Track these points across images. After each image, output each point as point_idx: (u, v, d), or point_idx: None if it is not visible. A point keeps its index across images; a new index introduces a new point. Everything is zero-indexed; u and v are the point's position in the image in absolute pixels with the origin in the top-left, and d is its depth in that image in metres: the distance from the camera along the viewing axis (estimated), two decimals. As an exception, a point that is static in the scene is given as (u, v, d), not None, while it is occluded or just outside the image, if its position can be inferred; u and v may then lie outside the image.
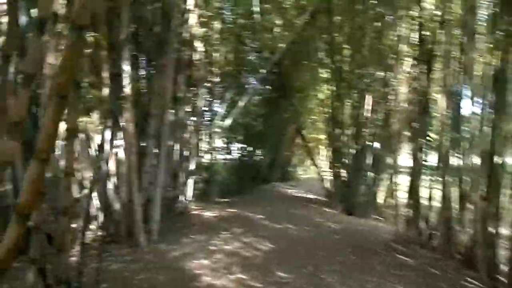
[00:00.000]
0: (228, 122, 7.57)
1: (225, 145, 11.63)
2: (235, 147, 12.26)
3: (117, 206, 5.25)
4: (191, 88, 7.19)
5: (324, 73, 10.73)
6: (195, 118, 7.62)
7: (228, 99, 9.87)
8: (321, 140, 14.29)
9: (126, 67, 4.84)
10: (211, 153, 10.09)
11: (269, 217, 7.02)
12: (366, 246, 5.28)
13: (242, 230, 5.91)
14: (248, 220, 6.75)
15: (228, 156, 11.80)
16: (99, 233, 5.71)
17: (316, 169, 11.25)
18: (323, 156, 13.76)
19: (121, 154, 5.27)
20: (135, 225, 5.00)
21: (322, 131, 14.56)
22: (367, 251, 4.98)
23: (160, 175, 5.49)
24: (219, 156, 11.34)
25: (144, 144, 5.44)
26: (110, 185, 5.21)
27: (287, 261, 4.47)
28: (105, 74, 4.96)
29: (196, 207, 8.20)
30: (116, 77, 5.12)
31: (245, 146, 12.47)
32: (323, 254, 4.73)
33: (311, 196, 10.88)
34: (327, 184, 9.77)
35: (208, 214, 7.27)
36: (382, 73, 8.08)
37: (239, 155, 12.35)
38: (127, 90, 4.83)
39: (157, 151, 5.63)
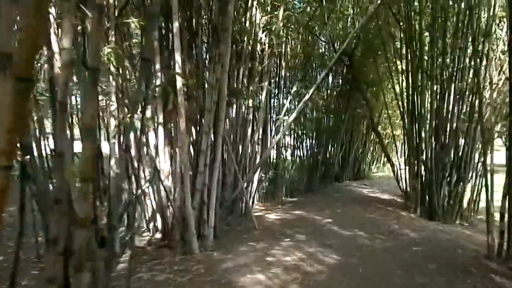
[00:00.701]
0: (295, 117, 6.93)
1: (294, 141, 11.02)
2: (304, 143, 11.58)
3: (171, 208, 4.84)
4: (254, 81, 6.63)
5: (401, 64, 9.69)
6: (259, 113, 7.06)
7: (296, 93, 9.24)
8: (397, 136, 13.19)
9: (178, 58, 4.36)
10: (278, 150, 9.54)
11: (338, 221, 6.30)
12: (454, 262, 4.39)
13: (306, 237, 5.25)
14: (314, 225, 6.08)
15: (297, 153, 11.14)
16: (158, 235, 5.37)
17: (391, 168, 10.26)
18: (400, 153, 12.68)
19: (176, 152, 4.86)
20: (187, 230, 4.54)
21: (398, 126, 13.47)
22: (455, 269, 4.09)
23: (215, 175, 4.99)
24: (287, 153, 10.77)
25: (199, 142, 4.98)
26: (166, 185, 4.81)
27: (356, 279, 3.75)
28: (157, 66, 4.56)
29: (261, 208, 7.68)
30: (167, 68, 4.70)
31: (315, 142, 11.73)
32: (400, 273, 3.93)
33: (386, 197, 9.94)
34: (404, 184, 8.78)
35: (272, 216, 6.71)
36: (469, 61, 7.05)
37: (309, 152, 11.65)
38: (179, 82, 4.37)
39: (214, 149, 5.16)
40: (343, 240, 5.19)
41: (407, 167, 8.51)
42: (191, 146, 5.28)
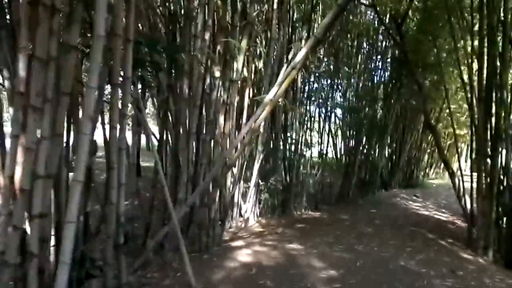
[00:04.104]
0: (276, 93, 4.08)
1: (322, 138, 8.20)
2: (338, 140, 8.75)
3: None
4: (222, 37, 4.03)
5: (472, 41, 6.47)
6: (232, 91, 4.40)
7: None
8: (461, 136, 9.97)
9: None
10: (295, 148, 6.86)
11: (347, 276, 3.41)
12: None
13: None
14: (298, 285, 3.28)
15: (326, 152, 8.30)
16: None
17: (451, 178, 7.03)
18: (464, 157, 9.51)
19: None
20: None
21: (463, 124, 10.22)
22: None
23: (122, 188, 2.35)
24: (312, 153, 8.02)
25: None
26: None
27: None
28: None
29: (255, 230, 5.09)
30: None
31: (353, 139, 8.83)
32: None
33: (442, 217, 6.90)
34: (468, 202, 5.72)
35: (242, 255, 3.89)
36: None
37: (345, 151, 8.79)
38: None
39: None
40: None
41: (474, 178, 5.42)
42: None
